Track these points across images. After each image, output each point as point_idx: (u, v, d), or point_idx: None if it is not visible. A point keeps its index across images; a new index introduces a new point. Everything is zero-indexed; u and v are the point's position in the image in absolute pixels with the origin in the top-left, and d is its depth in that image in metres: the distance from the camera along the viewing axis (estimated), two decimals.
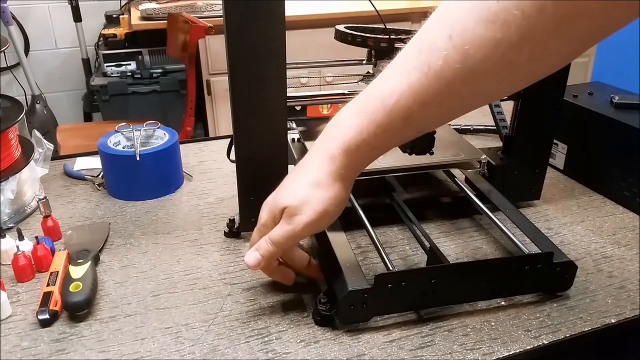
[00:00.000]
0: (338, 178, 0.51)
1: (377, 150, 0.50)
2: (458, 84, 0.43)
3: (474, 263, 0.63)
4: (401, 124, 0.47)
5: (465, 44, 0.41)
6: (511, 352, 0.54)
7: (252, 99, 0.62)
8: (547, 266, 0.59)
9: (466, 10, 0.41)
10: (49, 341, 0.55)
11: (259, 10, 0.57)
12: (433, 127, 0.52)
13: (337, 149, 0.50)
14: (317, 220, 0.52)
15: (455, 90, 0.43)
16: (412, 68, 0.44)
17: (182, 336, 0.56)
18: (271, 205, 0.56)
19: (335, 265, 0.58)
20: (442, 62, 0.42)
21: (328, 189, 0.52)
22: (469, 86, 0.43)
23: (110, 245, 0.71)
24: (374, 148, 0.50)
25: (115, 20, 2.37)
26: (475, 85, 0.43)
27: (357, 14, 2.11)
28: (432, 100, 0.44)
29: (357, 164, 0.51)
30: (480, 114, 1.13)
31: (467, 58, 0.41)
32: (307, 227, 0.53)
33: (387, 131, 0.47)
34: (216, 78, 2.16)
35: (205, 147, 1.01)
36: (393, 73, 0.47)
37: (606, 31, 0.40)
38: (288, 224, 0.53)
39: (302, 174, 0.54)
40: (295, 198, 0.53)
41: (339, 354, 0.54)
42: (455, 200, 0.80)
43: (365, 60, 0.70)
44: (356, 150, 0.49)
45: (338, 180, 0.51)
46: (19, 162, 0.78)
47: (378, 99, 0.47)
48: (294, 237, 0.54)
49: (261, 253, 0.55)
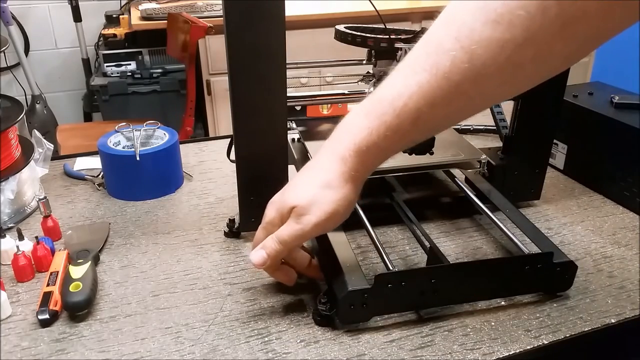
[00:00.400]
0: (349, 179, 0.52)
1: (386, 152, 0.51)
2: (466, 84, 0.43)
3: (474, 263, 0.63)
4: (410, 125, 0.47)
5: (472, 44, 0.41)
6: (511, 352, 0.54)
7: (252, 99, 0.62)
8: (547, 266, 0.59)
9: (472, 11, 0.42)
10: (49, 341, 0.55)
11: (259, 10, 0.57)
12: (441, 129, 0.53)
13: (348, 151, 0.51)
14: (326, 221, 0.53)
15: (463, 91, 0.44)
16: (420, 70, 0.45)
17: (182, 336, 0.56)
18: (279, 204, 0.56)
19: (335, 265, 0.58)
20: (449, 63, 0.43)
21: (338, 190, 0.52)
22: (476, 87, 0.44)
23: (110, 245, 0.72)
24: (384, 150, 0.50)
25: (115, 20, 2.37)
26: (482, 86, 0.44)
27: (357, 14, 2.11)
28: (440, 101, 0.45)
29: (367, 166, 0.52)
30: (480, 114, 1.12)
31: (474, 58, 0.42)
32: (316, 227, 0.53)
33: (397, 133, 0.48)
34: (216, 78, 2.16)
35: (205, 147, 1.01)
36: (401, 75, 0.47)
37: (608, 33, 0.40)
38: (297, 224, 0.53)
39: (312, 174, 0.54)
40: (304, 198, 0.53)
41: (339, 354, 0.54)
42: (455, 200, 0.80)
43: (365, 60, 0.70)
44: (367, 151, 0.50)
45: (349, 181, 0.52)
46: (19, 162, 0.78)
47: (387, 100, 0.47)
48: (302, 237, 0.54)
49: (267, 252, 0.55)
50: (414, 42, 0.61)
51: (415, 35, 0.62)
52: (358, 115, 0.50)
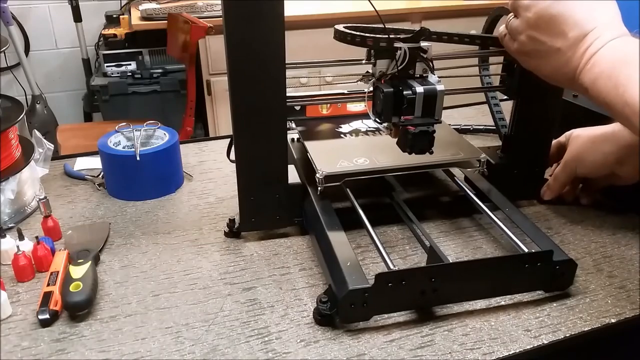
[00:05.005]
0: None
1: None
2: None
3: (474, 262, 0.63)
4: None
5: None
6: (511, 352, 0.54)
7: (252, 98, 0.62)
8: (547, 264, 0.59)
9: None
10: (49, 341, 0.55)
11: (258, 10, 0.58)
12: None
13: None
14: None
15: None
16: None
17: (182, 336, 0.56)
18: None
19: (336, 265, 0.58)
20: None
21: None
22: None
23: (110, 245, 0.72)
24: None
25: (115, 20, 2.37)
26: None
27: (357, 14, 2.11)
28: None
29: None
30: (480, 114, 1.13)
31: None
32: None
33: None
34: (216, 78, 2.16)
35: (205, 147, 1.01)
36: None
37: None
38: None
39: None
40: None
41: (339, 354, 0.54)
42: (455, 200, 0.80)
43: (364, 59, 0.70)
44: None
45: None
46: (19, 162, 0.78)
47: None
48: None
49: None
50: (413, 41, 0.62)
51: (414, 35, 0.62)
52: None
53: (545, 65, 0.60)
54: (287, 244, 0.71)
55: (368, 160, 0.70)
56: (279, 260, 0.68)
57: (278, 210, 0.71)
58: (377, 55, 0.64)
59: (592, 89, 0.56)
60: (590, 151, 0.74)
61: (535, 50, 0.60)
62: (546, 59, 0.59)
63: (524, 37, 0.61)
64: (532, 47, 0.60)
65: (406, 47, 0.61)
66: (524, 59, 0.64)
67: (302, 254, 0.69)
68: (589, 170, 0.74)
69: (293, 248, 0.70)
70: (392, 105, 0.61)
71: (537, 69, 0.62)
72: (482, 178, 0.77)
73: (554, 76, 0.61)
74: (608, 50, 0.55)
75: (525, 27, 0.60)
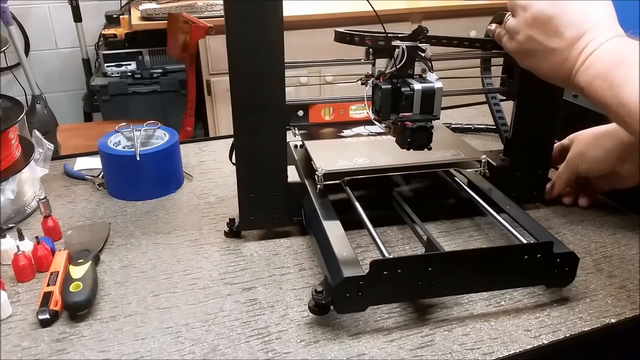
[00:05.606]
0: None
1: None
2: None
3: (471, 251, 0.63)
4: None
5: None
6: (511, 352, 0.54)
7: (252, 97, 0.62)
8: (547, 256, 0.58)
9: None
10: (49, 341, 0.55)
11: (259, 10, 0.58)
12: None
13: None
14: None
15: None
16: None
17: (182, 336, 0.56)
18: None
19: (331, 255, 0.58)
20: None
21: None
22: None
23: (110, 245, 0.72)
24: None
25: (115, 20, 2.37)
26: None
27: (357, 14, 2.11)
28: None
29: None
30: (480, 114, 1.13)
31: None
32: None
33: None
34: (216, 78, 2.16)
35: (205, 147, 1.01)
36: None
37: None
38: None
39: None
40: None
41: (339, 354, 0.54)
42: (455, 200, 0.80)
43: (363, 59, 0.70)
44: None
45: None
46: (19, 162, 0.78)
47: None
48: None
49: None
50: (411, 40, 0.62)
51: (412, 33, 0.62)
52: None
53: (542, 64, 0.61)
54: (287, 244, 0.71)
55: (368, 160, 0.70)
56: (279, 260, 0.68)
57: (277, 209, 0.70)
58: (376, 54, 0.64)
59: (588, 89, 0.56)
60: (592, 146, 0.74)
61: (532, 49, 0.60)
62: (543, 58, 0.60)
63: (521, 37, 0.61)
64: (529, 46, 0.60)
65: (404, 45, 0.61)
66: (521, 58, 0.64)
67: (302, 254, 0.69)
68: (590, 166, 0.74)
69: (293, 248, 0.70)
70: (390, 102, 0.61)
71: (534, 68, 0.62)
72: (483, 179, 0.77)
73: (550, 75, 0.61)
74: (604, 51, 0.55)
75: (523, 27, 0.60)
